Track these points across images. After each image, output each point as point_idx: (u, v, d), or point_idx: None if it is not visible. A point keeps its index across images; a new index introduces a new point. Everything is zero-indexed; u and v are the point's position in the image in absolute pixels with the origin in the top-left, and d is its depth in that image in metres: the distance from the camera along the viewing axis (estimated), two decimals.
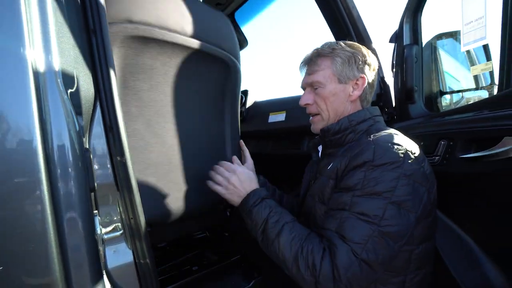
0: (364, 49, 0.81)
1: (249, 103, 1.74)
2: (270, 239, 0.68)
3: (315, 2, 1.25)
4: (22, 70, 0.38)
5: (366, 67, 0.80)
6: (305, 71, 0.85)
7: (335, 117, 0.81)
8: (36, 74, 0.39)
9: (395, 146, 0.64)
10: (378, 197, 0.60)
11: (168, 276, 1.14)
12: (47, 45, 0.41)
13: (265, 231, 0.70)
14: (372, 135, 0.70)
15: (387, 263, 0.62)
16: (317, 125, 0.84)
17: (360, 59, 0.79)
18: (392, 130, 0.73)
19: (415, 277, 0.68)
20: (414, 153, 0.65)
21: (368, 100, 0.83)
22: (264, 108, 1.64)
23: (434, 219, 0.70)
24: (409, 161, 0.63)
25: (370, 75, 0.80)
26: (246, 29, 1.83)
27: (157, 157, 0.83)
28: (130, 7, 0.71)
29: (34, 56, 0.39)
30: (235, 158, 0.93)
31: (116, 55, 0.70)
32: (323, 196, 0.74)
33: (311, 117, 0.86)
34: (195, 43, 0.86)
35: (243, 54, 1.94)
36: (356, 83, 0.79)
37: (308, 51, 0.87)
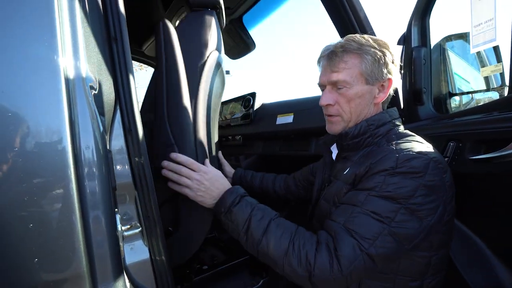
0: (391, 47, 0.75)
1: (257, 105, 1.76)
2: (256, 238, 0.65)
3: (322, 4, 1.27)
4: (56, 75, 0.41)
5: (394, 68, 0.74)
6: (325, 66, 0.76)
7: (357, 120, 0.75)
8: (66, 79, 0.42)
9: (420, 156, 0.61)
10: (393, 201, 0.60)
11: (179, 275, 1.17)
12: (76, 53, 0.45)
13: (249, 230, 0.67)
14: (394, 142, 0.67)
15: (390, 260, 0.62)
16: (336, 126, 0.77)
17: (389, 58, 0.73)
18: (415, 137, 0.70)
19: (432, 281, 0.68)
20: (439, 164, 0.63)
21: (389, 100, 0.79)
22: (272, 110, 1.66)
23: (451, 227, 0.69)
24: (432, 172, 0.61)
25: (396, 76, 0.75)
26: (253, 32, 1.86)
27: None
28: None
29: (65, 63, 0.42)
30: (206, 160, 0.84)
31: None
32: (337, 200, 0.72)
33: (328, 117, 0.79)
34: None
35: (251, 57, 1.97)
36: (382, 85, 0.74)
37: (311, 53, 0.84)
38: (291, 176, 1.16)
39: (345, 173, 0.73)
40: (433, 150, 0.67)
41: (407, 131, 0.74)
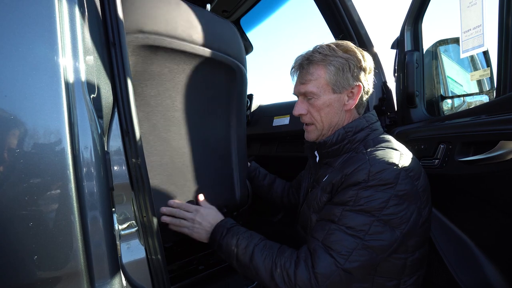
0: (358, 52, 0.75)
1: (254, 107, 1.78)
2: (245, 264, 0.70)
3: (317, 7, 1.29)
4: (56, 79, 0.43)
5: (362, 73, 0.75)
6: (296, 77, 0.80)
7: (330, 128, 0.78)
8: (66, 82, 0.44)
9: (390, 167, 0.63)
10: (366, 214, 0.63)
11: (175, 274, 1.18)
12: (76, 57, 0.46)
13: (238, 259, 0.72)
14: (369, 150, 0.69)
15: (368, 270, 0.65)
16: (311, 135, 0.81)
17: (355, 65, 0.73)
18: (391, 143, 0.72)
19: (409, 280, 0.71)
20: (410, 172, 0.65)
21: (364, 105, 0.80)
22: (269, 112, 1.68)
23: (427, 228, 0.71)
24: (403, 182, 0.63)
25: (366, 81, 0.76)
26: (251, 34, 1.88)
27: (160, 160, 0.85)
28: (142, 18, 0.76)
29: (65, 67, 0.44)
30: (200, 196, 0.91)
31: None
32: (317, 206, 0.75)
33: (305, 125, 0.83)
34: (201, 50, 0.89)
35: (248, 58, 1.98)
36: (351, 92, 0.75)
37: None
38: (289, 185, 1.20)
39: (324, 180, 0.76)
40: (407, 157, 0.69)
41: (385, 136, 0.76)
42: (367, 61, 0.76)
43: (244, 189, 1.10)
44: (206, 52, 0.90)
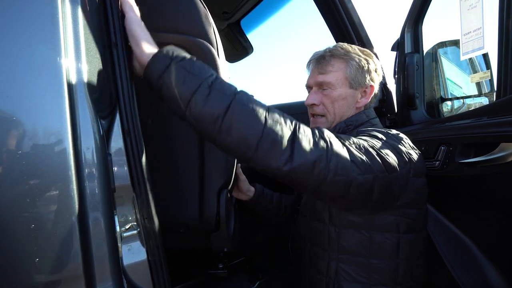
0: (375, 58, 0.82)
1: None
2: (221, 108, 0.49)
3: (317, 9, 1.29)
4: (58, 79, 0.43)
5: (377, 76, 0.81)
6: (313, 69, 0.82)
7: (340, 121, 0.81)
8: (69, 83, 0.44)
9: (379, 129, 0.70)
10: (376, 138, 0.65)
11: (175, 276, 1.17)
12: (78, 58, 0.46)
13: (198, 98, 0.50)
14: None
15: (367, 177, 0.57)
16: (321, 126, 0.81)
17: (373, 67, 0.79)
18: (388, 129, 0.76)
19: (406, 266, 0.71)
20: (400, 138, 0.70)
21: (370, 107, 0.85)
22: None
23: (420, 214, 0.73)
24: (392, 136, 0.68)
25: (378, 84, 0.82)
26: (251, 35, 1.89)
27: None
28: None
29: (67, 68, 0.44)
30: None
31: None
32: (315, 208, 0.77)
33: (312, 118, 0.83)
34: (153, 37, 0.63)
35: (249, 59, 1.99)
36: (364, 91, 0.80)
37: (309, 56, 0.84)
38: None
39: None
40: (399, 133, 0.73)
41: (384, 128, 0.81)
42: (380, 70, 0.83)
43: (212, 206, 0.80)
44: (156, 36, 0.63)
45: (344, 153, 0.55)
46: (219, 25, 1.78)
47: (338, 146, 0.56)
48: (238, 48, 1.88)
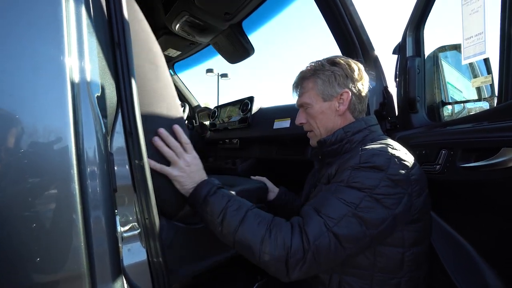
0: (344, 64, 0.84)
1: (254, 109, 1.78)
2: (233, 227, 0.66)
3: (319, 11, 1.30)
4: (62, 78, 0.43)
5: (349, 81, 0.83)
6: (294, 93, 0.94)
7: (326, 132, 0.86)
8: (72, 82, 0.44)
9: (382, 153, 0.68)
10: (358, 191, 0.65)
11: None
12: (81, 57, 0.46)
13: (225, 221, 0.67)
14: (364, 146, 0.73)
15: (355, 242, 0.63)
16: (312, 140, 0.92)
17: (341, 75, 0.83)
18: (387, 141, 0.76)
19: (410, 280, 0.71)
20: (402, 160, 0.68)
21: (359, 110, 0.86)
22: (270, 114, 1.68)
23: (425, 225, 0.72)
24: (394, 166, 0.66)
25: (355, 87, 0.84)
26: (252, 37, 1.89)
27: None
28: None
29: (71, 67, 0.44)
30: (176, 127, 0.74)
31: None
32: None
33: (308, 133, 0.93)
34: None
35: (249, 61, 1.99)
36: (341, 98, 0.83)
37: (310, 59, 0.92)
38: None
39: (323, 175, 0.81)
40: (400, 150, 0.72)
41: (382, 136, 0.82)
42: (355, 70, 0.85)
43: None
44: None
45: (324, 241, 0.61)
46: (221, 26, 1.79)
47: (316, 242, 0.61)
48: (239, 49, 1.88)
